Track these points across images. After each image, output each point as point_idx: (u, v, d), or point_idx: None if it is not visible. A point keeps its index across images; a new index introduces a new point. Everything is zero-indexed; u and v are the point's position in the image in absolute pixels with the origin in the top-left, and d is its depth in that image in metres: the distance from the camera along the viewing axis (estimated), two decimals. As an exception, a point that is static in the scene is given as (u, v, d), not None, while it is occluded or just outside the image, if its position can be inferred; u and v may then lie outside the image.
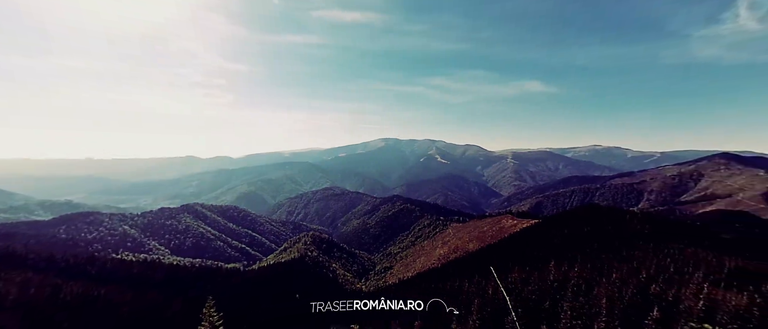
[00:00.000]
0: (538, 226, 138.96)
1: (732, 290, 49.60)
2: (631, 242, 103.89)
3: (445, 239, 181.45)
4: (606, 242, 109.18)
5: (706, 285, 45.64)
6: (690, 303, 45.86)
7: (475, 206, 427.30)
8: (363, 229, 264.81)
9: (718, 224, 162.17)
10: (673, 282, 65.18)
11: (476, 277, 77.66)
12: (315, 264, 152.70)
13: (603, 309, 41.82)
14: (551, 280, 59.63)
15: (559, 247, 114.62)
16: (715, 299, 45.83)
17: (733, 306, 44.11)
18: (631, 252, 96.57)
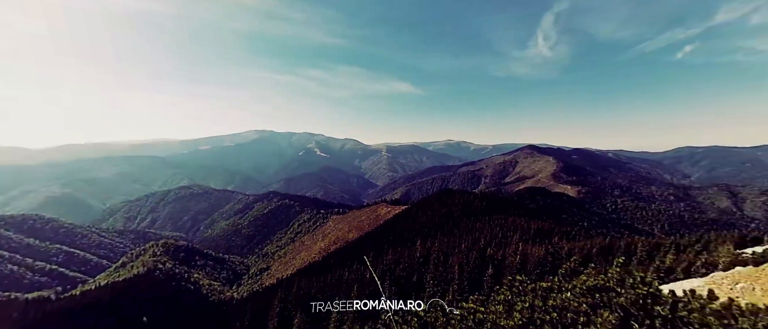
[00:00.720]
0: (407, 211, 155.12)
1: (536, 245, 67.63)
2: (474, 217, 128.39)
3: (326, 231, 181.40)
4: (457, 219, 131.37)
5: (520, 243, 60.56)
6: (511, 258, 59.79)
7: (355, 198, 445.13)
8: (234, 231, 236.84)
9: (528, 198, 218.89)
10: (501, 244, 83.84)
11: (356, 265, 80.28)
12: (169, 277, 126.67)
13: (456, 274, 49.60)
14: (418, 256, 67.03)
15: (424, 227, 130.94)
16: (526, 252, 61.12)
17: (536, 257, 59.92)
18: (474, 224, 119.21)
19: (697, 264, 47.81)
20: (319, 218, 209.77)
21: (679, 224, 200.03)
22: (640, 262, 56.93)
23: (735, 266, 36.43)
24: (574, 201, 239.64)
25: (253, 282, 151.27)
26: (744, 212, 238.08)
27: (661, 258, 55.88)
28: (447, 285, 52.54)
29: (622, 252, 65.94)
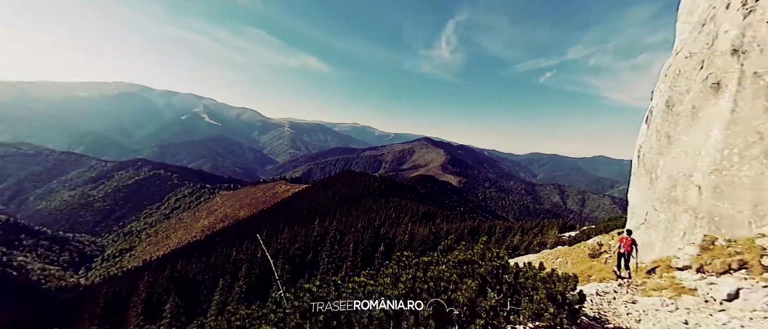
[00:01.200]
0: (307, 190, 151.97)
1: (422, 225, 75.97)
2: (373, 199, 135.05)
3: (212, 208, 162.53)
4: (357, 199, 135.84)
5: (409, 224, 67.09)
6: (401, 237, 65.76)
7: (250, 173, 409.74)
8: (82, 204, 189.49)
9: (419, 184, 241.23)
10: (393, 224, 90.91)
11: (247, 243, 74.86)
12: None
13: (350, 252, 51.65)
14: (315, 235, 66.89)
15: (323, 206, 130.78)
16: (413, 232, 67.98)
17: (421, 235, 67.30)
18: (372, 205, 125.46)
19: (534, 243, 61.36)
20: (205, 193, 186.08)
21: (526, 212, 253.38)
22: (497, 241, 70.21)
23: (557, 245, 48.35)
24: (455, 189, 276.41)
25: (110, 266, 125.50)
26: (567, 206, 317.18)
27: (511, 238, 69.99)
28: (341, 262, 54.32)
29: (485, 233, 79.87)
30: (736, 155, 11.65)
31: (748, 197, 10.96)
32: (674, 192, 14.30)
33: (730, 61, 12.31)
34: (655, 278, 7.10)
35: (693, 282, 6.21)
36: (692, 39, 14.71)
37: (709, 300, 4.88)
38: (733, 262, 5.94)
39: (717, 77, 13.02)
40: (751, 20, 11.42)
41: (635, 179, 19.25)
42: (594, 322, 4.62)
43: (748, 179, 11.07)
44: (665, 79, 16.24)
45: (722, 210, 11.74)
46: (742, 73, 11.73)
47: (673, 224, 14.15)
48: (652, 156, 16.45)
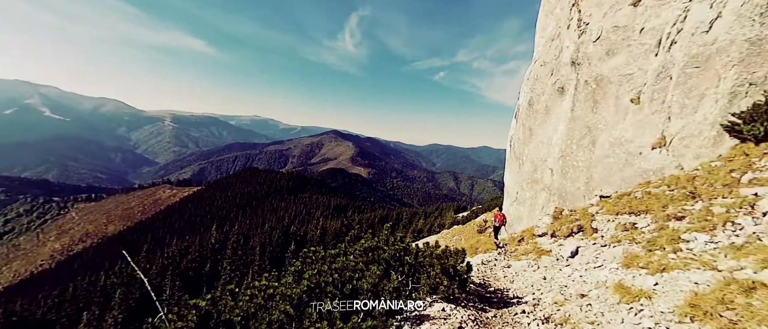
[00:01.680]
0: (200, 193, 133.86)
1: (334, 219, 75.80)
2: (281, 196, 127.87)
3: (66, 227, 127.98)
4: (262, 198, 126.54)
5: (321, 218, 66.12)
6: (313, 232, 64.30)
7: (119, 179, 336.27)
8: None
9: (330, 178, 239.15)
10: (304, 220, 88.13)
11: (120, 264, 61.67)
12: None
13: (257, 255, 47.92)
14: (213, 243, 59.67)
15: (222, 210, 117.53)
16: (325, 227, 67.25)
17: (333, 229, 67.10)
18: (280, 203, 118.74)
19: (435, 225, 67.71)
20: (52, 208, 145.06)
21: (428, 198, 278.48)
22: (404, 226, 75.36)
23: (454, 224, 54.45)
24: (365, 180, 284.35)
25: None
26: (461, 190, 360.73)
27: (417, 222, 75.95)
28: (247, 268, 49.94)
29: (393, 220, 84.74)
30: (574, 145, 15.05)
31: (583, 176, 14.30)
32: (535, 174, 17.68)
33: (570, 71, 15.77)
34: (524, 245, 8.65)
35: (548, 245, 7.78)
36: (545, 51, 18.29)
37: (559, 258, 6.27)
38: (574, 227, 7.67)
39: (562, 83, 16.53)
40: (584, 39, 14.81)
41: (508, 165, 23.10)
42: (479, 288, 5.39)
43: (583, 163, 14.44)
44: (527, 83, 19.83)
45: (567, 187, 15.05)
46: (578, 80, 15.16)
47: (535, 200, 17.51)
48: (520, 146, 19.97)
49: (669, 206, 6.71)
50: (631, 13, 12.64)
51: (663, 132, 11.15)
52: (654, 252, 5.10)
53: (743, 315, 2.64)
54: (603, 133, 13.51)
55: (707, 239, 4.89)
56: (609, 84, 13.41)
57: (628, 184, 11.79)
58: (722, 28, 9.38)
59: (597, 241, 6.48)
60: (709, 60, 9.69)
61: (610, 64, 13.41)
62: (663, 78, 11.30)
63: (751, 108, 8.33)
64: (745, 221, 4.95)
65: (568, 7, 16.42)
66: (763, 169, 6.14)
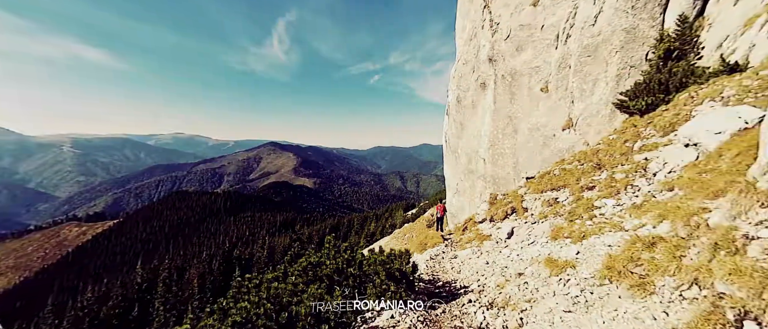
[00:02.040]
0: (118, 226, 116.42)
1: (282, 235, 71.88)
2: (218, 219, 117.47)
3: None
4: (196, 224, 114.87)
5: (267, 237, 62.20)
6: (259, 253, 60.15)
7: (7, 221, 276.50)
8: None
9: (273, 192, 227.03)
10: (248, 242, 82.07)
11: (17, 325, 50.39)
12: None
13: (195, 288, 43.10)
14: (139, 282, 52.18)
15: (147, 242, 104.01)
16: (273, 245, 63.46)
17: (282, 246, 63.62)
18: (218, 227, 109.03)
19: (387, 226, 68.28)
20: None
21: (377, 200, 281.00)
22: (356, 232, 74.77)
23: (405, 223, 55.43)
24: (311, 191, 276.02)
25: None
26: (408, 188, 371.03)
27: (368, 226, 75.92)
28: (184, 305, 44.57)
29: (344, 227, 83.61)
30: (500, 133, 16.30)
31: (510, 162, 15.54)
32: (471, 165, 18.79)
33: (489, 67, 17.07)
34: (467, 233, 9.02)
35: (488, 229, 8.21)
36: (465, 50, 19.58)
37: (499, 241, 6.65)
38: (508, 209, 8.21)
39: (483, 79, 17.82)
40: (497, 38, 16.14)
41: (446, 160, 24.26)
42: (429, 285, 5.43)
43: (509, 149, 15.69)
44: (453, 81, 21.03)
45: (498, 173, 16.23)
46: (496, 75, 16.46)
47: (474, 189, 18.61)
48: (454, 140, 21.09)
49: (581, 178, 7.55)
50: (533, 12, 14.15)
51: (569, 115, 12.66)
52: (575, 222, 5.66)
53: (649, 269, 3.00)
54: (522, 121, 14.89)
55: (614, 203, 5.56)
56: (522, 77, 14.83)
57: (547, 164, 13.13)
58: (604, 21, 10.98)
59: (528, 219, 7.01)
60: (598, 49, 11.26)
61: (521, 59, 14.83)
62: (563, 68, 12.84)
63: (634, 87, 9.85)
64: (641, 183, 5.75)
65: (480, 9, 17.80)
66: (649, 136, 7.23)
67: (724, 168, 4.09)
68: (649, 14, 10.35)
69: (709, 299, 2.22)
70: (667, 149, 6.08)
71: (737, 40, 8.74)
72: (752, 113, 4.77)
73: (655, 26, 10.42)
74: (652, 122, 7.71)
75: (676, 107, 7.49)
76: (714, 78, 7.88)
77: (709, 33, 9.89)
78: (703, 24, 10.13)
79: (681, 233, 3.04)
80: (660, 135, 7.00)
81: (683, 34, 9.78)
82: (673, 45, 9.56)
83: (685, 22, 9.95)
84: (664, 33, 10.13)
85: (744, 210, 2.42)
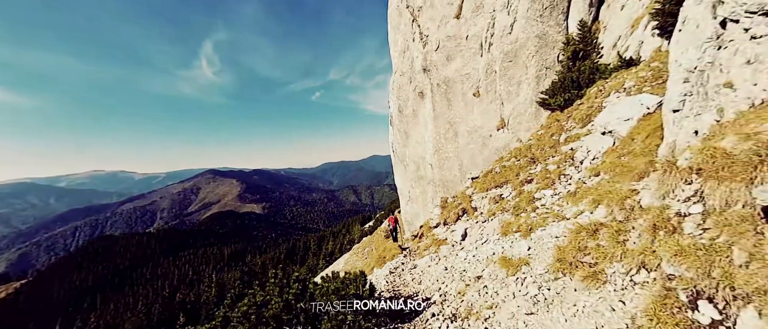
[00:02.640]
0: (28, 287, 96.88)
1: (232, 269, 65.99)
2: (154, 262, 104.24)
3: None
4: (127, 271, 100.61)
5: (214, 274, 56.66)
6: (207, 292, 54.41)
7: None
8: None
9: (217, 224, 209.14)
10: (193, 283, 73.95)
11: None
12: None
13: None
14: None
15: (67, 302, 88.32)
16: (222, 282, 57.93)
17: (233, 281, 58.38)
18: (155, 271, 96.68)
19: (345, 242, 66.70)
20: None
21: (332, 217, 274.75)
22: (313, 253, 71.83)
23: (363, 237, 54.65)
24: (261, 217, 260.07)
25: None
26: (362, 201, 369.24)
27: (326, 245, 73.48)
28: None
29: (301, 250, 79.87)
30: (442, 138, 16.89)
31: (455, 165, 16.12)
32: (419, 172, 19.15)
33: (424, 77, 17.71)
34: (424, 240, 9.00)
35: (443, 233, 8.26)
36: (401, 62, 20.16)
37: (454, 244, 6.69)
38: (458, 211, 8.36)
39: (420, 88, 18.43)
40: (428, 49, 16.83)
41: (396, 169, 24.52)
42: (391, 303, 5.18)
43: (452, 153, 16.28)
44: (393, 92, 21.47)
45: (446, 177, 16.74)
46: (431, 84, 17.12)
47: (425, 195, 18.95)
48: (401, 149, 21.41)
49: (520, 173, 8.00)
50: (457, 24, 15.08)
51: (501, 115, 13.57)
52: (520, 216, 5.89)
53: (597, 257, 3.13)
54: (461, 125, 15.62)
55: (552, 193, 5.90)
56: (455, 84, 15.63)
57: (488, 163, 13.86)
58: (519, 29, 12.07)
59: (478, 219, 7.18)
60: (517, 54, 12.30)
61: (452, 68, 15.66)
62: (490, 73, 13.80)
63: (551, 86, 10.87)
64: (571, 171, 6.20)
65: (409, 23, 18.54)
66: (571, 129, 7.92)
67: (637, 150, 4.53)
68: (555, 21, 11.61)
69: (660, 281, 2.31)
70: (587, 138, 6.70)
71: (628, 39, 10.16)
72: (651, 100, 5.45)
73: (561, 32, 11.70)
74: (572, 115, 8.50)
75: (588, 100, 8.36)
76: (615, 73, 9.00)
77: (604, 35, 11.38)
78: (600, 27, 11.64)
79: (618, 217, 3.23)
80: (580, 126, 7.72)
81: (585, 37, 11.12)
82: (578, 47, 10.77)
83: (585, 27, 11.34)
84: (569, 37, 11.41)
85: (671, 189, 2.62)
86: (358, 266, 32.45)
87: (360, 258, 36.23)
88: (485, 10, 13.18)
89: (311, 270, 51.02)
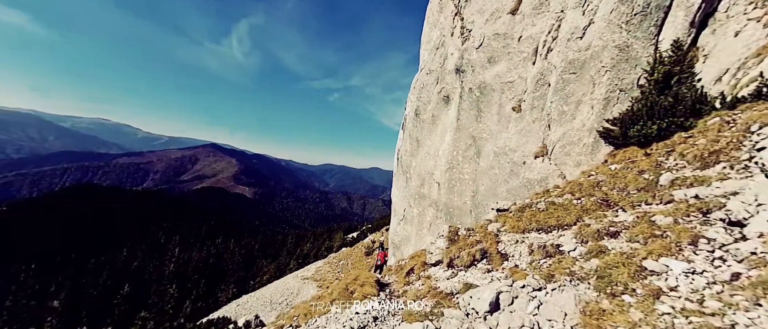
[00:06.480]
0: None
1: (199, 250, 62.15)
2: (130, 223, 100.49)
3: None
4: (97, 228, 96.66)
5: (177, 250, 53.12)
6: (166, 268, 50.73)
7: None
8: None
9: (206, 198, 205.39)
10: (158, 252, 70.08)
11: None
12: None
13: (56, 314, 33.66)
14: None
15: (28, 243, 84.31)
16: (186, 260, 54.29)
17: (198, 261, 54.74)
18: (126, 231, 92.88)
19: (323, 248, 63.13)
20: None
21: (320, 218, 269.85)
22: (288, 252, 68.08)
23: (343, 246, 51.22)
24: (250, 202, 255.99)
25: None
26: (353, 210, 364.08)
27: (303, 246, 69.82)
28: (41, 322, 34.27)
29: (277, 244, 76.11)
30: (460, 155, 14.06)
31: (469, 190, 13.21)
32: (423, 189, 16.22)
33: (455, 78, 15.06)
34: (415, 281, 6.08)
35: (446, 281, 5.37)
36: (431, 59, 17.60)
37: (471, 314, 3.79)
38: (475, 253, 5.50)
39: (447, 91, 15.76)
40: (467, 46, 14.26)
41: (396, 181, 21.62)
42: None
43: (469, 175, 13.41)
44: (414, 92, 18.84)
45: (454, 202, 13.80)
46: (462, 88, 14.46)
47: (423, 217, 15.95)
48: (407, 158, 18.58)
49: (584, 217, 5.15)
50: (510, 21, 12.51)
51: (544, 140, 10.75)
52: (622, 299, 3.00)
53: None
54: (488, 142, 12.81)
55: (686, 270, 3.02)
56: (492, 92, 12.92)
57: (513, 196, 10.97)
58: (595, 34, 9.42)
59: (516, 277, 4.25)
60: (585, 66, 9.61)
61: (493, 72, 12.98)
62: (541, 85, 11.08)
63: (627, 112, 8.12)
64: (718, 234, 3.33)
65: (451, 16, 16.08)
66: (676, 168, 5.10)
67: None
68: (644, 33, 8.96)
69: None
70: (734, 183, 3.86)
71: (746, 70, 7.46)
72: None
73: (648, 48, 9.03)
74: (674, 150, 5.68)
75: (705, 134, 5.54)
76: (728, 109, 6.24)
77: (704, 65, 8.69)
78: (697, 54, 8.96)
79: None
80: (696, 166, 4.89)
81: (680, 60, 8.44)
82: (674, 69, 8.05)
83: (680, 50, 8.68)
84: (657, 57, 8.73)
85: None
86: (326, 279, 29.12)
87: (332, 269, 32.97)
88: (551, 8, 10.63)
89: (240, 283, 47.15)
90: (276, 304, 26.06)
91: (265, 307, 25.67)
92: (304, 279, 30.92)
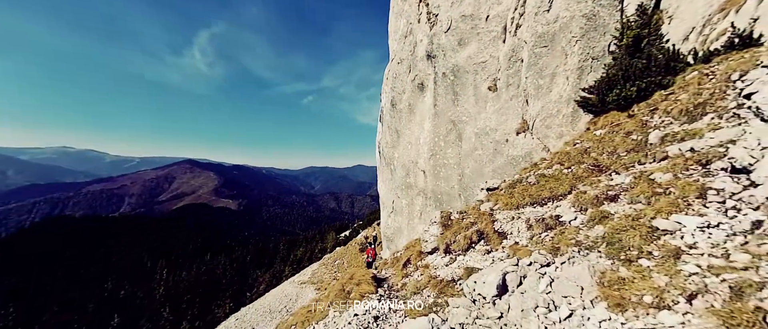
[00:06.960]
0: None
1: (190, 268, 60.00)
2: (110, 249, 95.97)
3: None
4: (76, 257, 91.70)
5: (165, 272, 50.98)
6: (156, 291, 48.66)
7: None
8: None
9: (189, 216, 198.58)
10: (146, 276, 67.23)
11: None
12: None
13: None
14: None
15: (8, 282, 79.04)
16: (177, 281, 52.28)
17: (192, 280, 52.82)
18: (108, 257, 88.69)
19: (316, 250, 62.35)
20: None
21: (310, 221, 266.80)
22: (282, 259, 66.87)
23: (336, 246, 50.69)
24: (236, 214, 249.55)
25: None
26: (342, 209, 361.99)
27: (296, 252, 68.76)
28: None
29: (270, 252, 74.65)
30: (442, 141, 13.89)
31: (455, 174, 13.09)
32: (408, 179, 16.01)
33: (427, 65, 14.82)
34: (412, 272, 5.84)
35: (444, 267, 5.14)
36: (400, 48, 17.26)
37: (478, 300, 3.57)
38: (472, 234, 5.31)
39: (421, 79, 15.50)
40: (436, 30, 14.01)
41: (380, 174, 21.32)
42: None
43: (452, 159, 13.28)
44: (387, 82, 18.49)
45: (442, 188, 13.66)
46: (435, 74, 14.23)
47: (412, 207, 15.77)
48: (389, 150, 18.29)
49: (578, 185, 5.04)
50: (475, 2, 12.31)
51: (523, 116, 10.69)
52: (639, 264, 2.83)
53: None
54: (467, 125, 12.68)
55: (700, 224, 2.88)
56: (466, 74, 12.75)
57: (500, 175, 10.90)
58: (561, 5, 9.36)
59: (520, 255, 4.06)
60: (555, 38, 9.56)
61: (464, 54, 12.81)
62: (514, 62, 10.98)
63: (602, 80, 8.13)
64: (725, 185, 3.22)
65: (415, 3, 15.71)
66: (663, 125, 5.05)
67: None
68: (608, 1, 8.97)
69: None
70: (732, 131, 3.78)
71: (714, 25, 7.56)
72: None
73: (614, 15, 9.07)
74: (657, 109, 5.65)
75: (685, 89, 5.53)
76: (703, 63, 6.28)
77: (670, 25, 8.81)
78: (662, 17, 9.07)
79: None
80: (684, 121, 4.85)
81: (646, 24, 8.52)
82: (642, 33, 8.10)
83: (645, 14, 8.77)
84: (625, 22, 8.78)
85: None
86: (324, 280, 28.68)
87: (329, 270, 32.52)
88: (516, -17, 10.49)
89: (237, 295, 46.28)
90: (276, 313, 25.45)
91: (265, 317, 25.03)
92: (301, 283, 30.34)
